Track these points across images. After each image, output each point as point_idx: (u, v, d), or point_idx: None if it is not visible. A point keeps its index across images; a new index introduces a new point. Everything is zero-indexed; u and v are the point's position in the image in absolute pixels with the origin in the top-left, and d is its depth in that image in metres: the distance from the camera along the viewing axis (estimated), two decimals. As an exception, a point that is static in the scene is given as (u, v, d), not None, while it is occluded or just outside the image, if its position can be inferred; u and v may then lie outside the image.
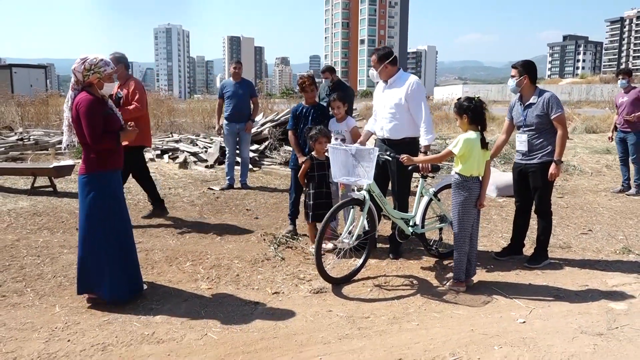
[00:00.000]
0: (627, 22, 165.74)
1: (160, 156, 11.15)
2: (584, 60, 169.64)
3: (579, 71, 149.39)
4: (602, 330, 3.42)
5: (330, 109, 5.32)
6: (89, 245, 3.80)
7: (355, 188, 4.35)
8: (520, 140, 4.66)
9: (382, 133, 4.83)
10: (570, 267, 4.69)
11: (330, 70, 8.23)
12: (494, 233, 5.82)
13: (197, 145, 12.02)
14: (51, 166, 7.69)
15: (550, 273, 4.54)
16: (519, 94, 4.69)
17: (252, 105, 8.19)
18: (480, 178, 4.18)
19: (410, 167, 4.52)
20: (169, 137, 13.66)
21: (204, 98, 39.01)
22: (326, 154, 5.04)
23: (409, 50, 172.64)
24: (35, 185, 7.71)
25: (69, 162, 8.19)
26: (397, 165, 4.55)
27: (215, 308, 3.83)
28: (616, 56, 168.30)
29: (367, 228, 4.35)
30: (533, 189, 4.67)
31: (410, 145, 4.65)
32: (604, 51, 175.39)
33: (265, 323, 3.60)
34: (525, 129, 4.63)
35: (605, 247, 5.26)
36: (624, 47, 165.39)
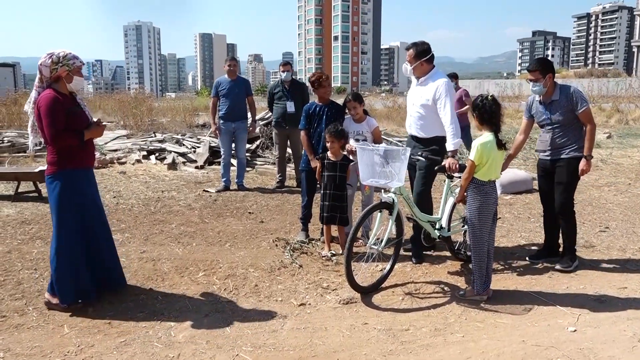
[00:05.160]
0: (594, 17, 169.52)
1: (147, 157, 10.72)
2: (552, 56, 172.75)
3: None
4: (659, 337, 3.24)
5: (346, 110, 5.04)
6: (57, 246, 3.65)
7: (383, 190, 4.10)
8: (542, 140, 4.46)
9: (411, 130, 4.63)
10: (602, 268, 4.53)
11: (290, 64, 8.10)
12: (511, 232, 5.64)
13: (183, 145, 11.61)
14: (36, 170, 7.22)
15: (583, 275, 4.37)
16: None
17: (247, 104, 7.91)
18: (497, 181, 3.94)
19: (436, 168, 4.29)
20: (151, 136, 13.18)
21: (177, 96, 38.35)
22: (344, 153, 4.80)
23: (382, 47, 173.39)
24: (18, 190, 7.25)
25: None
26: (425, 165, 4.34)
27: (240, 324, 3.54)
28: (583, 51, 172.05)
29: (394, 233, 4.10)
30: (557, 184, 4.45)
31: (439, 143, 4.43)
32: (571, 46, 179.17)
33: (299, 340, 3.32)
34: (549, 127, 4.42)
35: (629, 246, 5.13)
36: (591, 43, 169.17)
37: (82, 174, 3.72)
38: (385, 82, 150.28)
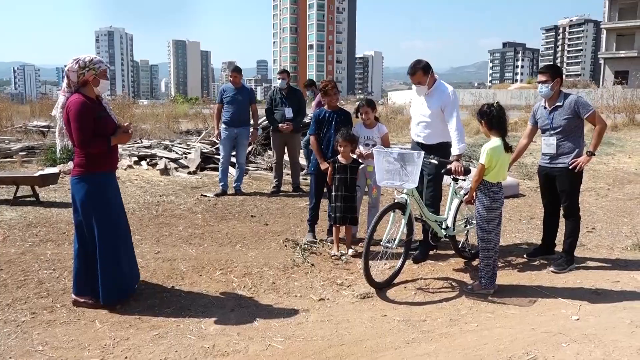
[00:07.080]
0: (561, 30, 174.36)
1: (137, 163, 10.78)
2: (522, 67, 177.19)
3: (519, 77, 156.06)
4: (654, 323, 3.56)
5: (358, 114, 5.29)
6: (83, 247, 3.82)
7: (396, 192, 4.36)
8: (548, 144, 4.74)
9: (417, 138, 4.91)
10: (594, 265, 4.87)
11: (287, 72, 8.37)
12: (506, 233, 5.94)
13: (173, 151, 11.69)
14: (36, 174, 7.27)
15: (579, 271, 4.68)
16: (543, 99, 4.82)
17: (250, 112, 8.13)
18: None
19: (443, 171, 4.57)
20: (138, 142, 13.21)
21: (152, 104, 38.02)
22: (353, 157, 5.05)
23: (356, 56, 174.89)
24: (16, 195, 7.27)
25: (54, 169, 7.78)
26: (435, 170, 4.62)
27: (266, 317, 3.74)
28: (552, 62, 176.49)
29: (406, 232, 4.36)
30: (561, 192, 4.74)
31: (444, 149, 4.71)
32: (540, 57, 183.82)
33: (325, 331, 3.53)
34: (552, 132, 4.73)
35: (616, 244, 5.50)
36: (559, 54, 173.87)
37: (107, 176, 3.85)
38: (360, 91, 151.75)
